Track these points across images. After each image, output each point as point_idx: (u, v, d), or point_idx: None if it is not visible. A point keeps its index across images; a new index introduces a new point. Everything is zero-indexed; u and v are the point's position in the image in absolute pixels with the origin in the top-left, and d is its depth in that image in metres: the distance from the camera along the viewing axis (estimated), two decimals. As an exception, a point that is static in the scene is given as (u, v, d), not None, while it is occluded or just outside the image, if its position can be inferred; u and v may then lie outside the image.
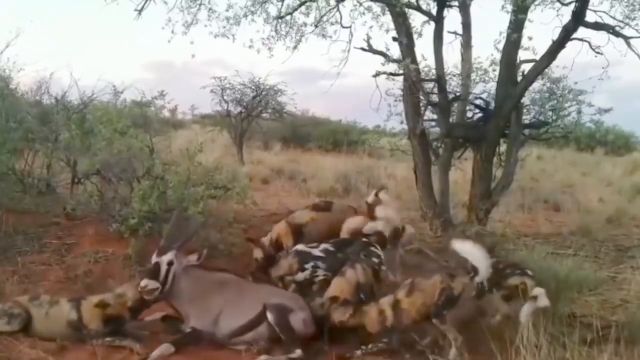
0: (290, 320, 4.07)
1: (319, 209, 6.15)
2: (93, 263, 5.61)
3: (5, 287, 4.85)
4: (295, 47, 7.59)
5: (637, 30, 6.26)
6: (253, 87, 16.95)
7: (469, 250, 4.00)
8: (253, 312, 4.15)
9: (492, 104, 7.48)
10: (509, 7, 6.39)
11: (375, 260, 4.87)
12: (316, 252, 5.10)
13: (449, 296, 3.96)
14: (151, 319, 4.43)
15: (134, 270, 5.50)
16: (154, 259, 4.17)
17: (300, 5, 7.35)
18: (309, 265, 5.03)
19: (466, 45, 7.49)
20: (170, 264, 4.12)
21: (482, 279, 4.00)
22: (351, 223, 5.72)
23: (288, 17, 7.49)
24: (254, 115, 17.68)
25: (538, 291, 4.19)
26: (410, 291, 4.12)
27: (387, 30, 7.09)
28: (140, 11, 7.48)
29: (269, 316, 4.08)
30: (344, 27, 7.42)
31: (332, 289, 4.46)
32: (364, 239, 5.25)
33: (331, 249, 5.14)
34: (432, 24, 7.16)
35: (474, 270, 3.97)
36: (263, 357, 3.87)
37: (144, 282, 4.01)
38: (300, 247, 5.21)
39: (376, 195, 6.17)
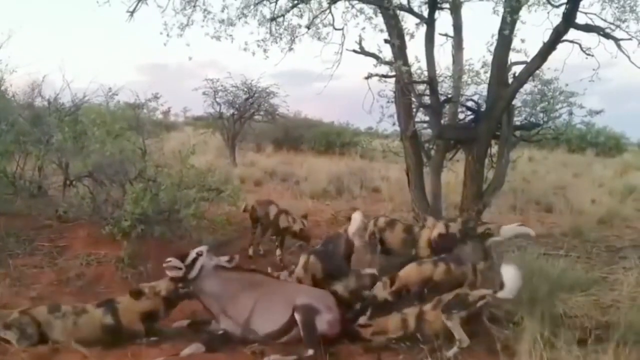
0: (316, 322, 4.11)
1: None
2: (85, 265, 5.60)
3: (-3, 290, 4.83)
4: (290, 49, 7.58)
5: (627, 32, 6.27)
6: (245, 89, 16.95)
7: (507, 268, 4.04)
8: (284, 313, 4.19)
9: (484, 106, 7.49)
10: (500, 10, 6.40)
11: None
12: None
13: (463, 299, 4.06)
14: (178, 325, 4.49)
15: (126, 273, 5.50)
16: None
17: (292, 7, 7.34)
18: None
19: (457, 47, 7.50)
20: (199, 254, 4.29)
21: (506, 296, 4.04)
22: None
23: (281, 19, 7.47)
24: (246, 117, 17.68)
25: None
26: (436, 305, 4.18)
27: (382, 30, 7.10)
28: (132, 13, 7.43)
29: (297, 316, 4.13)
30: (336, 29, 7.42)
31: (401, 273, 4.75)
32: None
33: None
34: (424, 26, 7.17)
35: (501, 286, 4.02)
36: (274, 357, 3.86)
37: (169, 258, 4.21)
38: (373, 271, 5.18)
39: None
